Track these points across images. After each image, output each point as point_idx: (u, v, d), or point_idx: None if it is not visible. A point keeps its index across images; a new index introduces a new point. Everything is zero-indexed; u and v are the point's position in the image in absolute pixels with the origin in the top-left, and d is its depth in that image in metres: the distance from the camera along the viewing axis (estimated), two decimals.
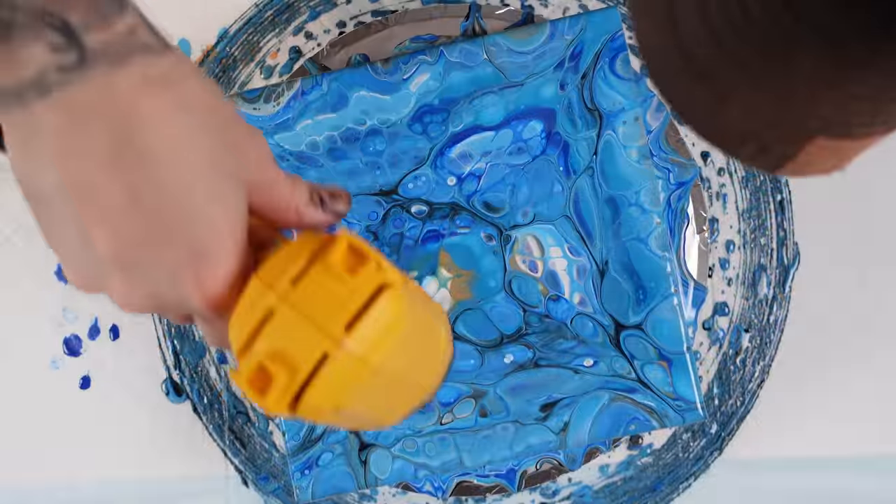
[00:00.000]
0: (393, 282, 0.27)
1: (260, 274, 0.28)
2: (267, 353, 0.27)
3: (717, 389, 0.53)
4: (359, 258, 0.28)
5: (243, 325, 0.28)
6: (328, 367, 0.27)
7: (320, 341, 0.27)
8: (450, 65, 0.49)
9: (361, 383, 0.27)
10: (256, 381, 0.27)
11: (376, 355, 0.27)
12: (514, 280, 0.52)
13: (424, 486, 0.52)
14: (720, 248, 0.53)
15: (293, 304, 0.27)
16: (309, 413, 0.27)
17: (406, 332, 0.28)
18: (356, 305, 0.27)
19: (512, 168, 0.52)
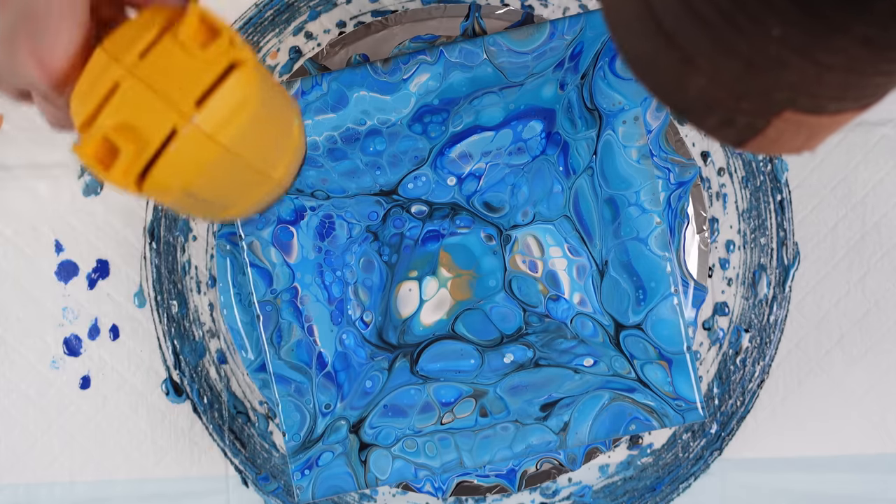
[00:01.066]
0: (245, 59, 0.26)
1: (105, 45, 0.27)
2: (113, 126, 0.26)
3: (717, 389, 0.53)
4: (211, 32, 0.27)
5: (87, 98, 0.27)
6: (177, 142, 0.26)
7: (169, 115, 0.26)
8: (450, 65, 0.49)
9: (211, 162, 0.27)
10: (101, 155, 0.26)
11: (226, 133, 0.26)
12: (513, 280, 0.52)
13: (424, 487, 0.52)
14: (720, 248, 0.53)
15: (141, 77, 0.26)
16: (156, 190, 0.27)
17: (257, 112, 0.27)
18: (207, 81, 0.26)
19: (512, 168, 0.52)
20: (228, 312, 0.52)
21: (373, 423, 0.51)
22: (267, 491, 0.54)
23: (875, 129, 0.52)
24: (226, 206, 0.31)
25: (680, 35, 0.24)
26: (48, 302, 0.54)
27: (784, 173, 0.52)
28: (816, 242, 0.53)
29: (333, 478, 0.50)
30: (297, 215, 0.51)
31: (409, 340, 0.52)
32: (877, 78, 0.24)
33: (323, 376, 0.51)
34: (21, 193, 0.54)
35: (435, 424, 0.51)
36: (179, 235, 0.54)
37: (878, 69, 0.23)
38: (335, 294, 0.52)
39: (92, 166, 0.26)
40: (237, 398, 0.54)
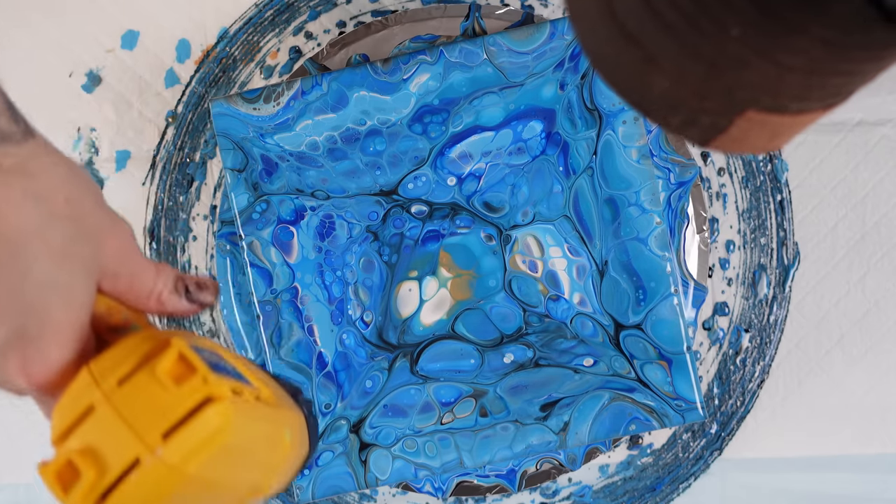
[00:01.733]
0: (219, 395, 0.27)
1: (92, 366, 0.28)
2: (79, 450, 0.27)
3: (717, 389, 0.53)
4: (187, 368, 0.27)
5: (65, 414, 0.28)
6: (138, 472, 0.26)
7: (134, 446, 0.26)
8: (450, 65, 0.49)
9: (174, 491, 0.27)
10: (64, 476, 0.27)
11: (192, 466, 0.27)
12: (513, 280, 0.52)
13: (424, 487, 0.52)
14: (720, 248, 0.53)
15: (115, 404, 0.27)
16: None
17: (231, 443, 0.28)
18: (176, 416, 0.27)
19: (512, 168, 0.52)
20: (228, 312, 0.52)
21: (373, 422, 0.51)
22: None
23: (875, 129, 0.52)
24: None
25: (643, 37, 0.24)
26: None
27: (784, 173, 0.52)
28: (816, 242, 0.53)
29: (333, 478, 0.50)
30: (297, 215, 0.51)
31: (409, 340, 0.52)
32: (838, 78, 0.24)
33: (323, 376, 0.51)
34: None
35: (435, 424, 0.51)
36: (179, 235, 0.54)
37: (839, 70, 0.23)
38: (335, 294, 0.52)
39: (51, 488, 0.27)
40: None
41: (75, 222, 0.29)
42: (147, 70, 0.53)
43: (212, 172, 0.53)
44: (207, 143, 0.53)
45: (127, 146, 0.53)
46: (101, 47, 0.53)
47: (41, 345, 0.28)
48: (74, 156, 0.54)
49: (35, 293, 0.28)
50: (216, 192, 0.53)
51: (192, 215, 0.53)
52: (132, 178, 0.54)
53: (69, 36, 0.53)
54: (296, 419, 0.33)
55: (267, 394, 0.31)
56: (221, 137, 0.49)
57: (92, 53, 0.53)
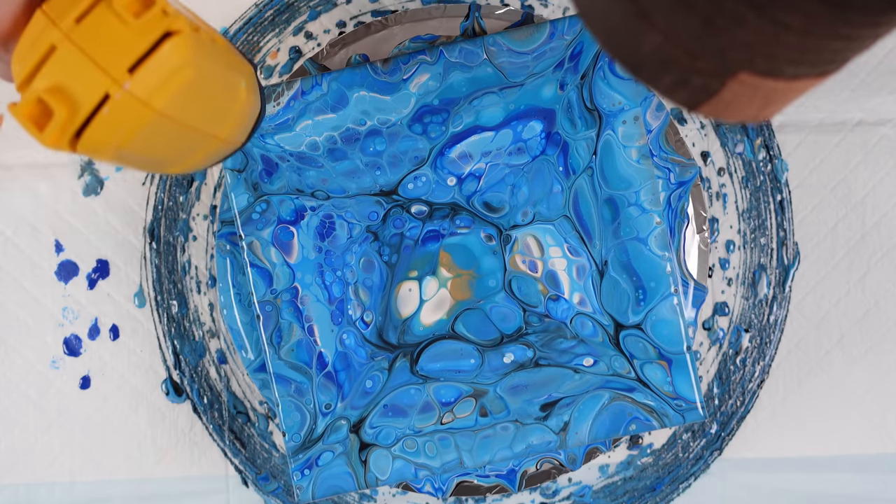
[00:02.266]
0: (179, 29, 0.27)
1: (45, 7, 0.28)
2: (47, 89, 0.27)
3: (717, 389, 0.53)
4: (145, 3, 0.27)
5: (25, 59, 0.27)
6: (109, 107, 0.27)
7: (102, 81, 0.27)
8: (450, 65, 0.49)
9: (144, 126, 0.27)
10: (36, 116, 0.27)
11: (159, 100, 0.27)
12: (513, 280, 0.52)
13: (424, 487, 0.52)
14: (720, 248, 0.53)
15: (76, 42, 0.27)
16: (89, 150, 0.27)
17: (193, 79, 0.28)
18: (140, 49, 0.27)
19: (512, 168, 0.52)
20: (228, 312, 0.52)
21: (373, 422, 0.51)
22: (267, 491, 0.54)
23: (875, 129, 0.52)
24: (166, 164, 0.32)
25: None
26: (48, 302, 0.54)
27: (784, 173, 0.52)
28: (816, 242, 0.53)
29: (333, 478, 0.50)
30: (297, 215, 0.51)
31: (409, 340, 0.52)
32: (835, 42, 0.23)
33: (323, 376, 0.51)
34: (21, 193, 0.54)
35: (435, 424, 0.51)
36: (179, 235, 0.54)
37: (837, 32, 0.23)
38: (335, 294, 0.52)
39: (26, 127, 0.27)
40: (237, 398, 0.54)
41: None
42: None
43: (212, 172, 0.53)
44: None
45: None
46: None
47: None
48: (74, 156, 0.54)
49: None
50: (216, 192, 0.53)
51: (192, 215, 0.53)
52: (132, 178, 0.54)
53: None
54: (249, 70, 0.33)
55: (221, 41, 0.31)
56: None
57: None
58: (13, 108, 0.27)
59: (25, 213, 0.54)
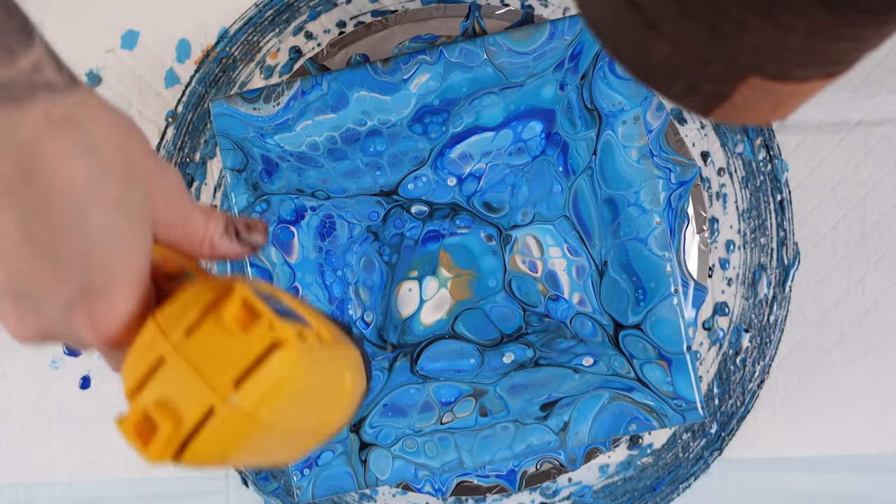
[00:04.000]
0: (285, 340, 0.27)
1: (157, 317, 0.28)
2: (154, 402, 0.27)
3: (717, 389, 0.53)
4: (252, 314, 0.28)
5: (135, 368, 0.28)
6: (214, 421, 0.27)
7: (208, 395, 0.27)
8: (450, 65, 0.49)
9: (249, 437, 0.27)
10: (141, 429, 0.27)
11: (265, 412, 0.27)
12: (513, 280, 0.52)
13: (424, 487, 0.52)
14: (720, 248, 0.53)
15: (185, 355, 0.27)
16: (193, 462, 0.27)
17: (300, 387, 0.28)
18: (246, 362, 0.27)
19: (512, 168, 0.52)
20: None
21: (373, 422, 0.51)
22: (267, 491, 0.54)
23: (875, 129, 0.52)
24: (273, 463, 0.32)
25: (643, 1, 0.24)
26: None
27: (784, 173, 0.52)
28: (816, 242, 0.53)
29: (333, 478, 0.50)
30: (297, 215, 0.51)
31: (409, 340, 0.52)
32: (841, 43, 0.23)
33: None
34: None
35: (435, 424, 0.51)
36: None
37: (842, 34, 0.23)
38: (336, 294, 0.52)
39: (131, 441, 0.27)
40: None
41: (126, 171, 0.28)
42: (147, 70, 0.53)
43: (212, 172, 0.53)
44: (207, 143, 0.53)
45: None
46: (101, 47, 0.53)
47: (107, 298, 0.28)
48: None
49: (96, 246, 0.27)
50: (216, 192, 0.53)
51: None
52: None
53: (69, 36, 0.53)
54: (354, 356, 0.33)
55: (326, 334, 0.31)
56: (221, 137, 0.49)
57: (92, 53, 0.53)
58: (120, 422, 0.27)
59: None
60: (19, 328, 0.29)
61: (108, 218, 0.27)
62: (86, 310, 0.28)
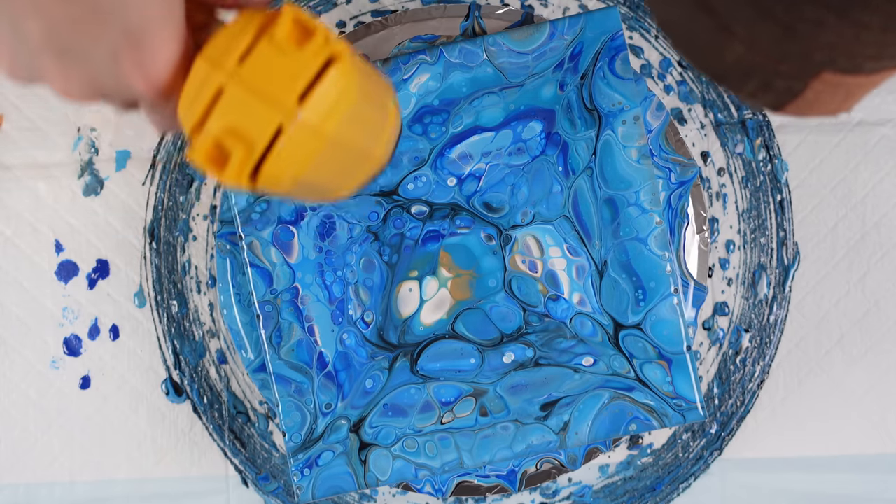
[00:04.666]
0: (341, 53, 0.27)
1: (205, 54, 0.28)
2: (221, 130, 0.27)
3: (717, 389, 0.53)
4: (305, 32, 0.28)
5: (193, 106, 0.28)
6: (284, 138, 0.27)
7: (274, 114, 0.27)
8: (450, 65, 0.49)
9: (317, 153, 0.28)
10: (213, 158, 0.27)
11: (330, 124, 0.28)
12: (513, 280, 0.52)
13: (424, 487, 0.52)
14: (720, 248, 0.53)
15: (242, 81, 0.27)
16: (268, 184, 0.28)
17: (356, 101, 0.28)
18: (307, 78, 0.27)
19: (512, 168, 0.52)
20: (228, 312, 0.52)
21: (373, 422, 0.51)
22: (267, 491, 0.54)
23: (875, 129, 0.52)
24: (333, 189, 0.32)
25: (717, 4, 0.24)
26: (48, 302, 0.54)
27: (784, 173, 0.52)
28: (816, 242, 0.53)
29: (333, 478, 0.50)
30: (297, 215, 0.51)
31: (409, 340, 0.52)
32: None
33: (324, 376, 0.51)
34: (21, 193, 0.54)
35: (435, 424, 0.51)
36: (179, 235, 0.54)
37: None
38: (336, 294, 0.52)
39: (206, 168, 0.27)
40: (237, 398, 0.54)
41: None
42: None
43: None
44: None
45: (127, 146, 0.53)
46: None
47: (152, 40, 0.27)
48: (74, 156, 0.54)
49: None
50: (216, 192, 0.53)
51: (192, 215, 0.53)
52: (132, 178, 0.54)
53: None
54: (392, 88, 0.34)
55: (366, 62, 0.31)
56: None
57: None
58: (189, 153, 0.27)
59: (25, 213, 0.54)
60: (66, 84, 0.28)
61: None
62: (132, 55, 0.27)
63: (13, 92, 0.54)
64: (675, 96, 0.52)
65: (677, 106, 0.52)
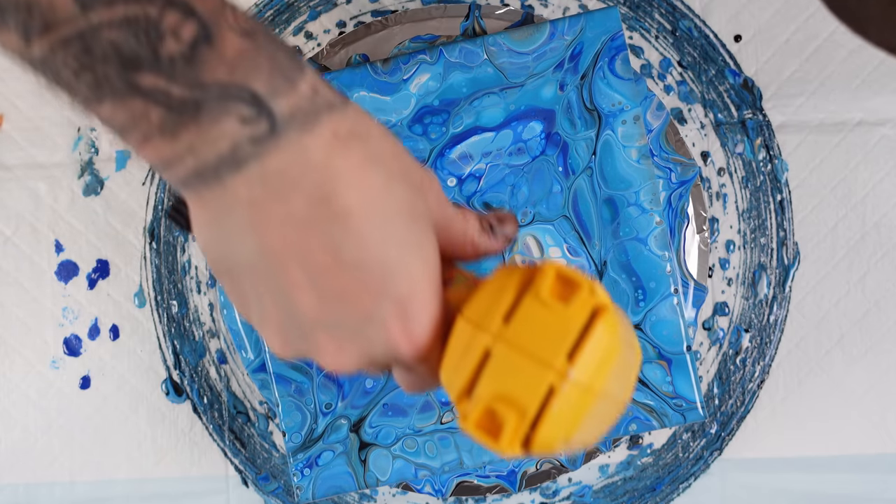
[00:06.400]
0: (605, 304, 0.27)
1: (466, 314, 0.28)
2: (492, 396, 0.27)
3: (717, 389, 0.53)
4: (568, 285, 0.27)
5: (459, 370, 0.27)
6: (556, 400, 0.26)
7: (544, 376, 0.26)
8: (450, 65, 0.49)
9: (587, 410, 0.27)
10: (485, 426, 0.27)
11: (599, 381, 0.27)
12: None
13: (424, 487, 0.52)
14: (720, 248, 0.53)
15: (509, 342, 0.27)
16: (542, 448, 0.27)
17: (620, 352, 0.28)
18: (574, 334, 0.26)
19: (512, 168, 0.52)
20: (228, 312, 0.52)
21: (372, 422, 0.51)
22: (267, 491, 0.54)
23: (875, 129, 0.52)
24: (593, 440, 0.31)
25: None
26: (48, 302, 0.54)
27: (784, 173, 0.52)
28: (816, 242, 0.53)
29: (334, 477, 0.50)
30: None
31: None
32: None
33: (324, 376, 0.51)
34: (21, 193, 0.54)
35: (435, 424, 0.51)
36: (179, 235, 0.54)
37: None
38: None
39: (480, 439, 0.27)
40: (237, 398, 0.54)
41: (407, 178, 0.28)
42: None
43: None
44: None
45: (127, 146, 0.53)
46: None
47: (416, 306, 0.27)
48: (74, 156, 0.54)
49: (398, 255, 0.27)
50: None
51: None
52: (132, 178, 0.54)
53: None
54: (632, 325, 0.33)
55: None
56: None
57: None
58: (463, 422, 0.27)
59: (25, 213, 0.54)
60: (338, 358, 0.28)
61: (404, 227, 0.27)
62: (400, 323, 0.27)
63: (13, 92, 0.54)
64: (675, 96, 0.52)
65: (677, 106, 0.52)
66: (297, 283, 0.26)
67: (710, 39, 0.52)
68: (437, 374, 0.29)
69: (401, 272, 0.27)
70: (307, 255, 0.26)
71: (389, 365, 0.31)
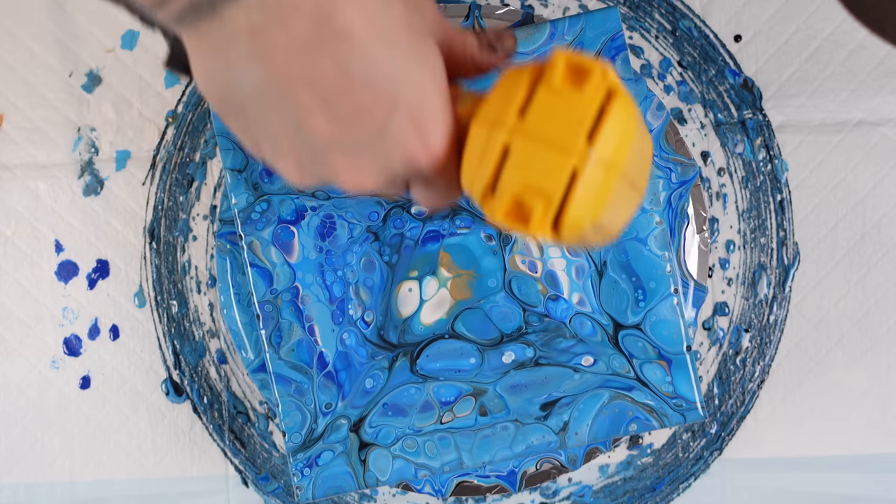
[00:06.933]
0: (618, 85, 0.27)
1: (480, 117, 0.28)
2: (518, 186, 0.27)
3: (717, 389, 0.53)
4: (580, 71, 0.27)
5: (480, 170, 0.28)
6: (580, 181, 0.27)
7: (566, 161, 0.27)
8: None
9: (611, 189, 0.28)
10: (514, 215, 0.27)
11: (620, 158, 0.27)
12: (513, 280, 0.52)
13: (424, 488, 0.52)
14: (720, 248, 0.53)
15: (528, 134, 0.27)
16: (571, 230, 0.27)
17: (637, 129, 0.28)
18: (591, 117, 0.27)
19: None
20: (228, 312, 0.52)
21: (372, 422, 0.51)
22: (267, 491, 0.54)
23: (875, 129, 0.52)
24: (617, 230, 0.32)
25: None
26: (48, 302, 0.54)
27: (784, 173, 0.52)
28: (816, 242, 0.53)
29: (334, 477, 0.50)
30: (297, 215, 0.51)
31: (409, 340, 0.52)
32: None
33: (324, 376, 0.51)
34: (21, 193, 0.54)
35: (435, 424, 0.51)
36: (179, 235, 0.54)
37: None
38: (336, 294, 0.52)
39: (511, 227, 0.27)
40: (237, 398, 0.54)
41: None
42: (147, 70, 0.53)
43: (212, 172, 0.53)
44: (207, 143, 0.53)
45: (127, 146, 0.53)
46: (101, 47, 0.53)
47: (431, 117, 0.28)
48: (74, 156, 0.54)
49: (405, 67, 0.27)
50: (216, 192, 0.53)
51: (192, 215, 0.53)
52: (132, 178, 0.54)
53: (69, 36, 0.53)
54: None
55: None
56: (221, 137, 0.49)
57: (92, 53, 0.53)
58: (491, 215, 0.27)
59: (25, 213, 0.54)
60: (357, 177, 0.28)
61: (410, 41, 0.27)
62: (415, 132, 0.28)
63: (13, 92, 0.54)
64: (675, 96, 0.52)
65: (677, 106, 0.52)
66: (308, 108, 0.26)
67: (710, 39, 0.52)
68: (456, 185, 0.30)
69: (410, 83, 0.27)
70: (316, 78, 0.26)
71: (407, 181, 0.31)
